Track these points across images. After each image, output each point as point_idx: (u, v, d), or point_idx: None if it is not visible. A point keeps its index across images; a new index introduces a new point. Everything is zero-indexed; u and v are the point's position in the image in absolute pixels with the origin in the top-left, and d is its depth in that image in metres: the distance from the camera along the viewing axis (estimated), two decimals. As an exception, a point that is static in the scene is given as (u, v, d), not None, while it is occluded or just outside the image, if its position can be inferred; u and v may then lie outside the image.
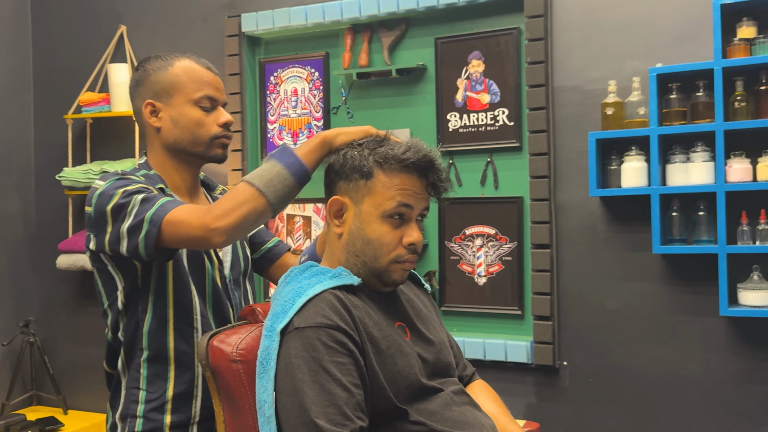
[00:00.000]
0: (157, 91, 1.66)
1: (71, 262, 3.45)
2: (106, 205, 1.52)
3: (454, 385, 1.47)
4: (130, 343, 1.64)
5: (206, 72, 1.68)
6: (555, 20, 2.75)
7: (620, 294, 2.67)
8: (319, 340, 1.30)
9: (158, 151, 1.69)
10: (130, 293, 1.62)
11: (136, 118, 1.73)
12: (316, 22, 3.09)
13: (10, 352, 3.60)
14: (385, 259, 1.42)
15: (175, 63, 1.67)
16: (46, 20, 3.77)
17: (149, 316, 1.61)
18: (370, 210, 1.42)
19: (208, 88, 1.66)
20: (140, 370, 1.63)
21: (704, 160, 2.45)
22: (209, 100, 1.66)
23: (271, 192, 1.44)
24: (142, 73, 1.69)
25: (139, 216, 1.48)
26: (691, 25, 2.57)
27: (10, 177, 3.67)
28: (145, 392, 1.62)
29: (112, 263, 1.61)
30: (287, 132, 3.24)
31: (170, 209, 1.47)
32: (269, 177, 1.45)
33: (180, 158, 1.68)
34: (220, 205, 1.44)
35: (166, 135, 1.66)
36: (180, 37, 3.44)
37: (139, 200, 1.50)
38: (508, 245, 2.84)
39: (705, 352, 2.55)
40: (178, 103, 1.65)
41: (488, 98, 2.88)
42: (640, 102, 2.56)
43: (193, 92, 1.65)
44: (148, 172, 1.67)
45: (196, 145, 1.66)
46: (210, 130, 1.66)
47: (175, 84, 1.65)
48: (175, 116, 1.65)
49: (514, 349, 2.77)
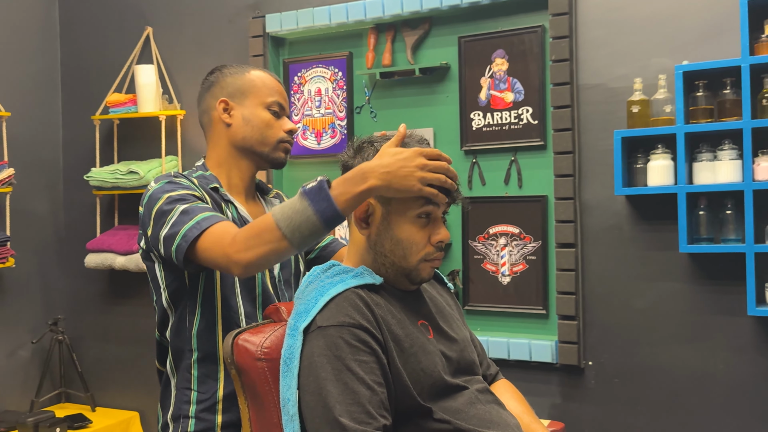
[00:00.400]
0: (231, 92, 1.74)
1: (99, 261, 3.49)
2: (152, 207, 1.59)
3: (478, 384, 1.47)
4: (178, 343, 1.67)
5: (277, 83, 1.78)
6: (580, 17, 2.73)
7: (646, 293, 2.65)
8: (342, 338, 1.31)
9: (222, 148, 1.74)
10: (177, 293, 1.65)
11: (202, 118, 1.79)
12: (340, 22, 3.10)
13: (40, 350, 3.65)
14: (414, 258, 1.43)
15: (250, 71, 1.77)
16: (73, 23, 3.82)
17: (197, 317, 1.65)
18: (399, 211, 1.42)
19: (279, 95, 1.76)
20: (191, 370, 1.66)
21: (731, 159, 2.42)
22: (279, 107, 1.75)
23: (297, 237, 1.42)
24: (217, 75, 1.77)
25: (175, 227, 1.53)
26: (717, 22, 2.53)
27: (39, 177, 3.72)
28: (197, 392, 1.65)
29: (160, 262, 1.65)
30: (311, 131, 3.25)
31: (205, 228, 1.51)
32: (298, 222, 1.41)
33: (244, 156, 1.74)
34: (244, 238, 1.46)
35: (235, 131, 1.73)
36: (205, 38, 3.47)
37: (180, 211, 1.54)
38: (532, 244, 2.83)
39: (732, 352, 2.52)
40: (251, 104, 1.73)
41: (512, 97, 2.87)
42: (666, 100, 2.54)
43: (265, 96, 1.74)
44: (204, 173, 1.73)
45: (264, 145, 1.73)
46: (277, 134, 1.74)
47: (250, 87, 1.74)
48: (248, 115, 1.73)
49: (538, 349, 2.76)
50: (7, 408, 3.51)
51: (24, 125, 3.63)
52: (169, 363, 1.70)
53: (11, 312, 3.58)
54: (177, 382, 1.68)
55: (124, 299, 3.68)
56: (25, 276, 3.63)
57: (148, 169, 3.39)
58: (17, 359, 3.61)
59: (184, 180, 1.66)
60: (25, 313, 3.64)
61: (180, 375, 1.68)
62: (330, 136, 3.21)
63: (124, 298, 3.68)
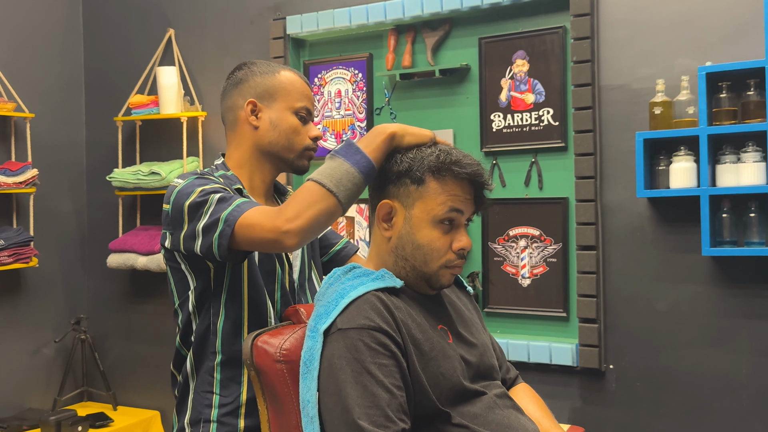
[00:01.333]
0: (260, 93, 1.70)
1: (121, 261, 3.52)
2: (184, 202, 1.54)
3: (497, 389, 1.47)
4: (200, 346, 1.64)
5: (306, 86, 1.75)
6: (602, 18, 2.71)
7: (668, 296, 2.62)
8: (361, 341, 1.31)
9: (245, 149, 1.71)
10: (202, 294, 1.62)
11: (226, 115, 1.74)
12: (360, 23, 3.10)
13: (62, 348, 3.69)
14: (435, 264, 1.42)
15: (280, 71, 1.73)
16: (97, 25, 3.86)
17: (221, 318, 1.62)
18: (421, 215, 1.42)
19: (307, 100, 1.73)
20: (213, 374, 1.62)
21: (755, 161, 2.40)
22: (306, 112, 1.72)
23: (342, 191, 1.43)
24: (247, 72, 1.73)
25: (215, 215, 1.49)
26: (741, 23, 2.51)
27: (62, 178, 3.77)
28: (219, 396, 1.62)
29: (186, 262, 1.62)
30: (331, 133, 3.26)
31: (245, 210, 1.48)
32: (339, 176, 1.42)
33: (267, 159, 1.71)
34: (290, 207, 1.43)
35: (262, 135, 1.69)
36: (226, 39, 3.49)
37: (216, 199, 1.51)
38: (552, 246, 2.82)
39: (756, 356, 2.49)
40: (280, 108, 1.69)
41: (533, 98, 2.86)
42: (689, 101, 2.51)
43: (295, 101, 1.70)
44: (226, 173, 1.68)
45: (290, 151, 1.70)
46: (304, 140, 1.71)
47: (280, 90, 1.70)
48: (275, 119, 1.69)
49: (559, 352, 2.74)
50: (31, 406, 3.55)
51: (48, 126, 3.67)
52: (190, 365, 1.66)
53: (35, 311, 3.62)
54: (196, 385, 1.65)
55: (146, 299, 3.71)
56: (49, 275, 3.68)
57: (170, 170, 3.42)
58: (40, 358, 3.65)
59: (212, 176, 1.63)
60: (49, 312, 3.68)
61: (200, 378, 1.64)
62: (350, 137, 3.22)
63: (146, 297, 3.71)
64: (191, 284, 1.63)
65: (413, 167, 1.43)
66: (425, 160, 1.43)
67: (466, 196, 1.44)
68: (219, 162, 1.74)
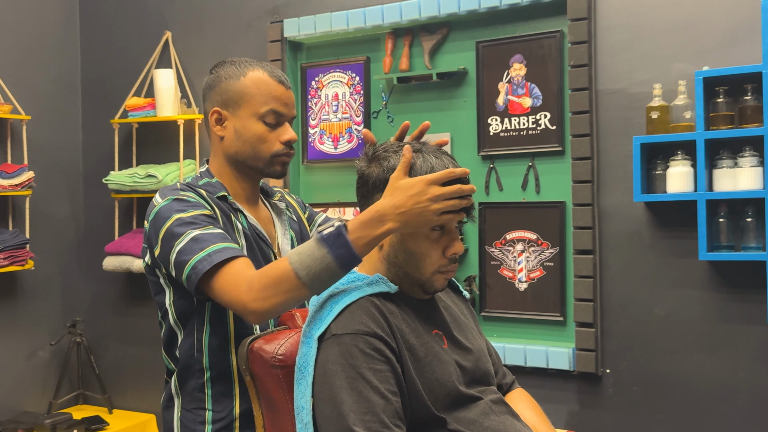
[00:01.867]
0: (225, 100, 1.63)
1: (117, 263, 3.51)
2: (160, 227, 1.52)
3: (492, 394, 1.46)
4: (186, 363, 1.61)
5: (276, 85, 1.64)
6: (599, 23, 2.71)
7: (665, 301, 2.62)
8: (356, 347, 1.30)
9: (220, 158, 1.67)
10: (186, 310, 1.59)
11: (204, 121, 1.70)
12: (358, 26, 3.10)
13: (58, 351, 3.68)
14: (429, 270, 1.42)
15: (247, 73, 1.64)
16: (93, 27, 3.85)
17: (207, 334, 1.59)
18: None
19: (275, 102, 1.62)
20: (204, 390, 1.60)
21: (752, 165, 2.39)
22: (275, 115, 1.62)
23: (317, 285, 1.39)
24: (214, 78, 1.67)
25: (184, 255, 1.47)
26: (738, 27, 2.51)
27: (58, 180, 3.76)
28: (212, 412, 1.60)
29: (165, 278, 1.60)
30: (328, 136, 3.25)
31: (216, 262, 1.44)
32: (317, 270, 1.37)
33: (239, 169, 1.66)
34: (262, 287, 1.40)
35: (228, 145, 1.64)
36: (224, 42, 3.49)
37: (190, 237, 1.48)
38: (549, 250, 2.81)
39: (753, 361, 2.49)
40: (244, 115, 1.62)
41: (530, 102, 2.86)
42: (686, 106, 2.51)
43: (259, 106, 1.61)
44: (210, 180, 1.66)
45: (257, 160, 1.63)
46: (271, 147, 1.63)
47: (244, 95, 1.62)
48: (239, 128, 1.62)
49: (555, 356, 2.74)
50: (26, 409, 3.54)
51: (44, 129, 3.66)
52: (174, 384, 1.63)
53: (30, 314, 3.61)
54: (183, 403, 1.62)
55: (142, 302, 3.70)
56: (44, 278, 3.67)
57: (167, 172, 3.41)
58: (36, 361, 3.64)
59: (192, 195, 1.57)
60: (44, 315, 3.67)
61: (187, 396, 1.62)
62: (347, 140, 3.21)
63: (142, 300, 3.70)
64: (168, 299, 1.61)
65: None
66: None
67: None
68: (203, 169, 1.70)
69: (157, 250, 1.54)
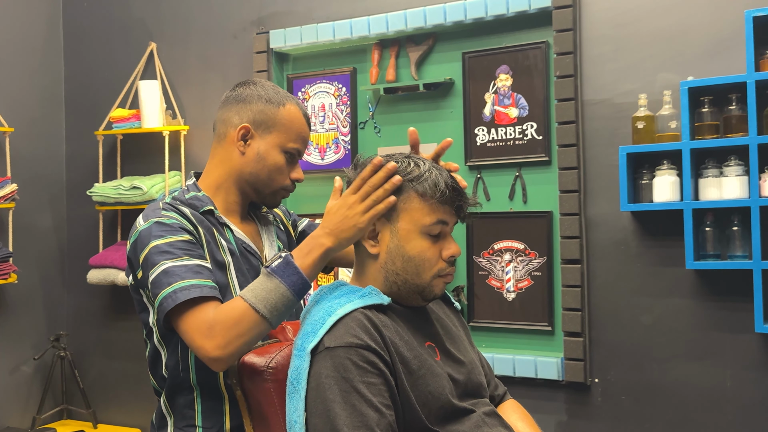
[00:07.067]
0: (258, 120, 1.65)
1: (102, 276, 3.48)
2: (139, 253, 1.53)
3: (485, 407, 1.45)
4: (173, 383, 1.60)
5: (305, 126, 1.70)
6: (584, 33, 2.73)
7: (653, 310, 2.63)
8: (349, 359, 1.29)
9: (226, 170, 1.67)
10: (170, 330, 1.56)
11: (218, 124, 1.69)
12: (344, 37, 3.10)
13: (42, 366, 3.64)
14: (428, 274, 1.42)
15: (286, 104, 1.67)
16: (77, 38, 3.83)
17: (192, 352, 1.57)
18: (408, 226, 1.41)
19: (301, 142, 1.68)
20: (194, 406, 1.59)
21: (738, 174, 2.41)
22: (296, 153, 1.68)
23: (275, 316, 1.43)
24: (252, 93, 1.67)
25: (155, 288, 1.48)
26: (723, 38, 2.53)
27: (42, 193, 3.72)
28: (202, 429, 1.59)
29: (149, 298, 1.59)
30: (315, 147, 3.25)
31: (181, 301, 1.44)
32: (274, 301, 1.42)
33: (242, 187, 1.67)
34: (223, 330, 1.41)
35: (245, 163, 1.65)
36: (209, 53, 3.47)
37: (161, 270, 1.48)
38: (537, 260, 2.82)
39: (740, 369, 2.50)
40: (272, 143, 1.65)
41: (516, 112, 2.87)
42: (672, 115, 2.53)
43: (288, 140, 1.66)
44: (197, 194, 1.65)
45: (267, 187, 1.66)
46: (284, 180, 1.67)
47: (278, 124, 1.65)
48: (263, 152, 1.64)
49: (544, 366, 2.74)
50: (9, 425, 3.49)
51: (27, 141, 3.63)
52: (164, 402, 1.63)
53: (13, 328, 3.57)
54: (175, 421, 1.61)
55: (127, 315, 3.66)
56: (28, 292, 3.62)
57: (152, 184, 3.39)
58: (19, 375, 3.59)
59: (174, 216, 1.57)
60: (28, 328, 3.63)
61: (178, 414, 1.61)
62: (334, 151, 3.21)
63: (127, 314, 3.66)
64: (152, 317, 1.60)
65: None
66: (405, 181, 1.42)
67: (450, 210, 1.44)
68: (191, 182, 1.69)
69: (139, 273, 1.55)
